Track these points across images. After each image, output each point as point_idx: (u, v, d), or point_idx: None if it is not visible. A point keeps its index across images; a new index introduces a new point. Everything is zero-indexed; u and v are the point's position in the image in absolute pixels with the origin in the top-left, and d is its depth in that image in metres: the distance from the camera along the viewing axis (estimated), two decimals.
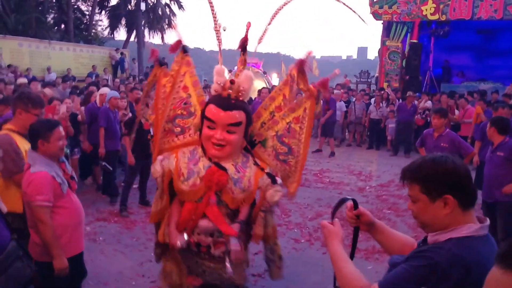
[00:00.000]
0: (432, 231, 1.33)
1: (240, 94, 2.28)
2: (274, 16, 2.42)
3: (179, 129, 2.51)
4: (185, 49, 2.46)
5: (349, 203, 1.56)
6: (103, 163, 5.50)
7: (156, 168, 2.37)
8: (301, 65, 2.38)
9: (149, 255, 4.06)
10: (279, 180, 2.38)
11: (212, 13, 2.33)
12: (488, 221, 1.31)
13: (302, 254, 4.09)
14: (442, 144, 4.52)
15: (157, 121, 2.49)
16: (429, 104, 9.68)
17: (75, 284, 2.63)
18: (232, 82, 2.25)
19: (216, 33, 2.38)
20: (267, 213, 2.42)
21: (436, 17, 13.12)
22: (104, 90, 6.14)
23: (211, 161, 2.27)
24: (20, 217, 2.55)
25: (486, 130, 4.15)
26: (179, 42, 2.49)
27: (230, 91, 2.25)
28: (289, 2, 2.45)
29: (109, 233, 4.59)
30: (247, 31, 2.40)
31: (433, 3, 13.00)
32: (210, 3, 2.32)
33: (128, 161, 5.11)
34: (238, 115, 2.24)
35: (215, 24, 2.36)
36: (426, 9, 13.14)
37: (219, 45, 2.40)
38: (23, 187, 2.35)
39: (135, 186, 5.56)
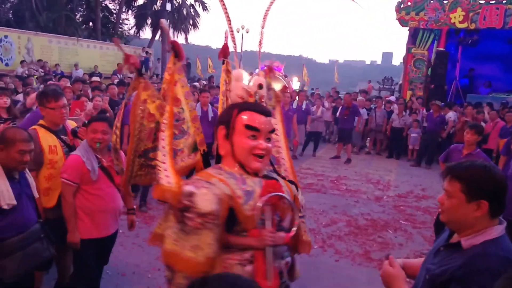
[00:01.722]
0: (455, 227, 1.44)
1: (263, 100, 2.01)
2: (265, 17, 2.17)
3: (154, 163, 1.98)
4: (177, 52, 2.00)
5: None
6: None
7: (207, 197, 1.68)
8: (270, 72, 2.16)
9: None
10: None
11: (225, 14, 2.11)
12: (505, 222, 1.42)
13: (315, 260, 4.11)
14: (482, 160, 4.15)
15: (131, 149, 1.98)
16: (452, 115, 9.50)
17: (98, 266, 2.93)
18: (260, 86, 1.97)
19: (231, 35, 2.15)
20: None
21: (465, 25, 12.81)
22: None
23: (257, 175, 1.89)
24: (50, 210, 2.75)
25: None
26: (225, 46, 2.12)
27: (257, 96, 1.96)
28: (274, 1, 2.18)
29: None
30: (226, 39, 2.15)
31: (462, 11, 12.70)
32: (223, 4, 2.09)
33: None
34: (273, 121, 2.01)
35: (229, 25, 2.13)
36: (455, 17, 12.84)
37: (235, 47, 2.19)
38: None
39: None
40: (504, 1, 12.23)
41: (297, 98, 10.10)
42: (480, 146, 5.81)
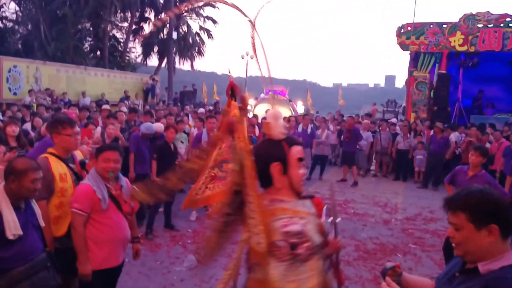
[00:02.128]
0: (472, 258, 1.39)
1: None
2: (254, 53, 2.09)
3: (224, 174, 2.31)
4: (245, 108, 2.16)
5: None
6: (133, 187, 5.67)
7: (312, 231, 1.91)
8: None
9: (171, 279, 4.11)
10: None
11: (253, 46, 2.03)
12: None
13: None
14: (475, 185, 4.06)
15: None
16: (453, 136, 9.49)
17: None
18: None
19: (268, 70, 2.09)
20: None
21: (464, 48, 13.01)
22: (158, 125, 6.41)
23: (305, 198, 2.09)
24: (59, 239, 2.74)
25: None
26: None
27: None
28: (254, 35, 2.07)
29: None
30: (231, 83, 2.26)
31: (461, 34, 12.93)
32: (253, 38, 2.02)
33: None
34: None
35: (265, 61, 2.05)
36: (455, 40, 13.05)
37: (270, 85, 2.23)
38: None
39: (160, 210, 5.68)
40: (502, 25, 12.45)
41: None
42: (486, 167, 5.77)
